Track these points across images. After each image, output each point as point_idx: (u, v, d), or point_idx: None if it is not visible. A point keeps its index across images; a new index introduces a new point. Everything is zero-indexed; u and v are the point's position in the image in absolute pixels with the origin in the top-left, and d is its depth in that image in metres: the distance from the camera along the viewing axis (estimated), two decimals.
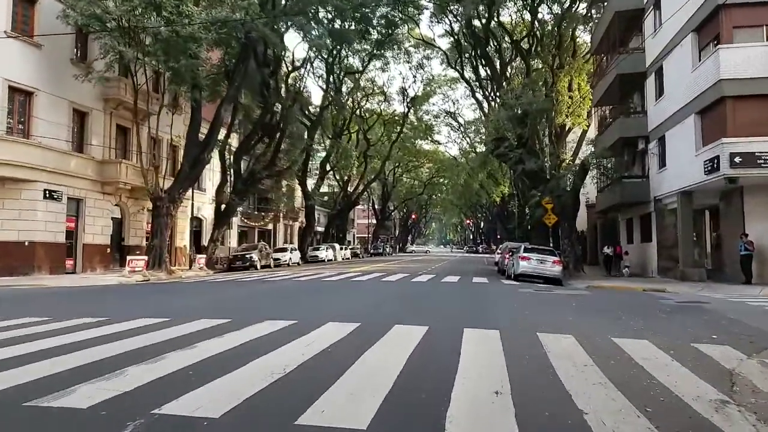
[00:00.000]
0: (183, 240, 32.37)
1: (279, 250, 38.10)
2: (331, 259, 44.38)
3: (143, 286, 19.18)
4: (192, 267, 29.13)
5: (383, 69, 62.89)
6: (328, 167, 48.27)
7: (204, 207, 35.51)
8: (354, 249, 57.49)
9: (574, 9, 29.83)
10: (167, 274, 24.92)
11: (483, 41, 29.18)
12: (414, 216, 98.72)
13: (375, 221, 76.18)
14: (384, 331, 7.62)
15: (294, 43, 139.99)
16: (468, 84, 43.23)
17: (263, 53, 31.97)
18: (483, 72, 39.71)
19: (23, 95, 21.90)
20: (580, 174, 24.65)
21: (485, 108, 41.36)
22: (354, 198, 57.10)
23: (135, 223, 28.81)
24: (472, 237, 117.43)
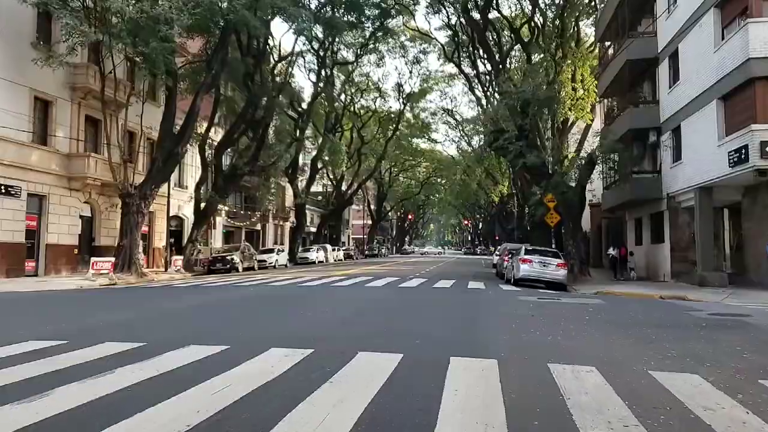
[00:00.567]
0: (162, 240, 30.38)
1: (265, 251, 36.09)
2: (322, 261, 42.49)
3: (101, 291, 17.34)
4: (168, 269, 27.12)
5: (378, 64, 61.07)
6: (319, 165, 46.29)
7: (185, 205, 33.53)
8: (347, 250, 55.40)
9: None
10: (138, 277, 22.99)
11: (481, 27, 27.19)
12: (411, 217, 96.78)
13: (371, 222, 74.22)
14: (343, 362, 5.68)
15: (281, 34, 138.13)
16: (466, 78, 41.48)
17: (247, 42, 30.16)
18: (482, 66, 38.06)
19: None
20: (586, 168, 22.53)
21: (484, 104, 39.67)
22: (348, 197, 55.23)
23: (107, 222, 26.86)
24: (470, 238, 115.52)
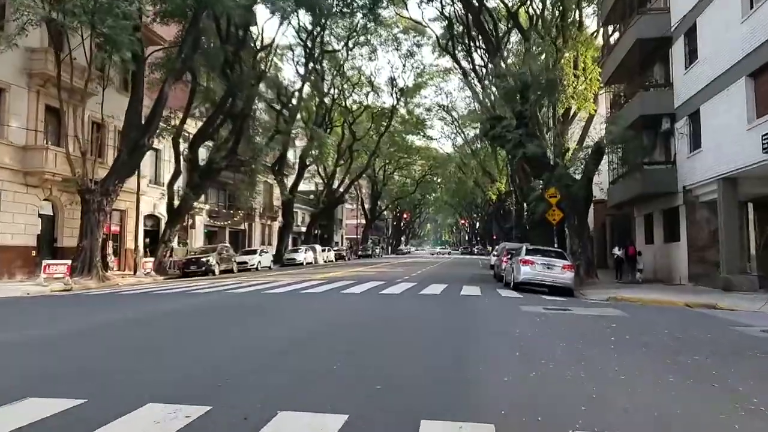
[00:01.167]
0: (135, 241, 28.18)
1: (246, 252, 33.82)
2: (311, 262, 40.28)
3: (37, 300, 15.12)
4: (137, 273, 24.93)
5: (370, 57, 58.86)
6: (308, 161, 44.08)
7: (162, 203, 31.30)
8: (339, 251, 53.16)
9: None
10: (99, 281, 20.82)
11: (476, 8, 25.04)
12: (406, 216, 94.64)
13: (365, 221, 72.06)
14: None
15: (264, 21, 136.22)
16: (461, 69, 39.33)
17: (227, 29, 28.07)
18: (478, 59, 36.09)
19: None
20: (594, 158, 20.30)
21: (481, 98, 37.59)
22: (339, 195, 53.05)
23: (71, 222, 24.62)
24: (467, 238, 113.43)
